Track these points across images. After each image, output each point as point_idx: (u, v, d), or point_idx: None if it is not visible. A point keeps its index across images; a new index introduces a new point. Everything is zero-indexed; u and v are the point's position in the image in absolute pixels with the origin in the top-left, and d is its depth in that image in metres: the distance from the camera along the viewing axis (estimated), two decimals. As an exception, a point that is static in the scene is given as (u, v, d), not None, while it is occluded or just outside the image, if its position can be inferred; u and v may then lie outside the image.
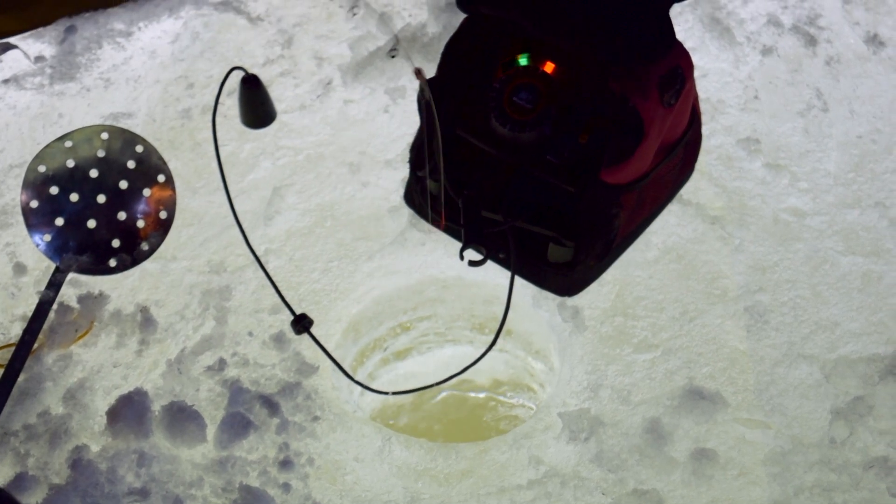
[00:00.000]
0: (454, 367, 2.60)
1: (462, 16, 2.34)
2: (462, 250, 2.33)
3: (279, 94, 3.54)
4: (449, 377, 2.42)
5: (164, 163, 2.97)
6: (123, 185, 2.96)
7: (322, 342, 2.53)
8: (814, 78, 3.60)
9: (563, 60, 2.37)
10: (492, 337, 2.44)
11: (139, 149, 2.96)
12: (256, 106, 2.67)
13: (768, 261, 3.14)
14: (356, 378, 3.14)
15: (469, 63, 2.46)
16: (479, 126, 2.39)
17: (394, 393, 2.89)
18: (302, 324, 2.27)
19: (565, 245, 2.50)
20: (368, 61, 3.62)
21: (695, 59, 3.57)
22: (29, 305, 2.99)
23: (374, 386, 3.23)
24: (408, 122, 3.44)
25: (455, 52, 2.51)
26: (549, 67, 2.34)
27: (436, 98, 2.33)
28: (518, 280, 2.50)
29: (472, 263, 2.32)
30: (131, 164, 2.96)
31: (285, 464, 2.74)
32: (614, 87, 2.31)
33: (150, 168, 2.96)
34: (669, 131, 2.49)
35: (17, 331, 2.97)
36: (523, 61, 2.34)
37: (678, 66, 2.42)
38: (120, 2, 3.79)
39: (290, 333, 2.96)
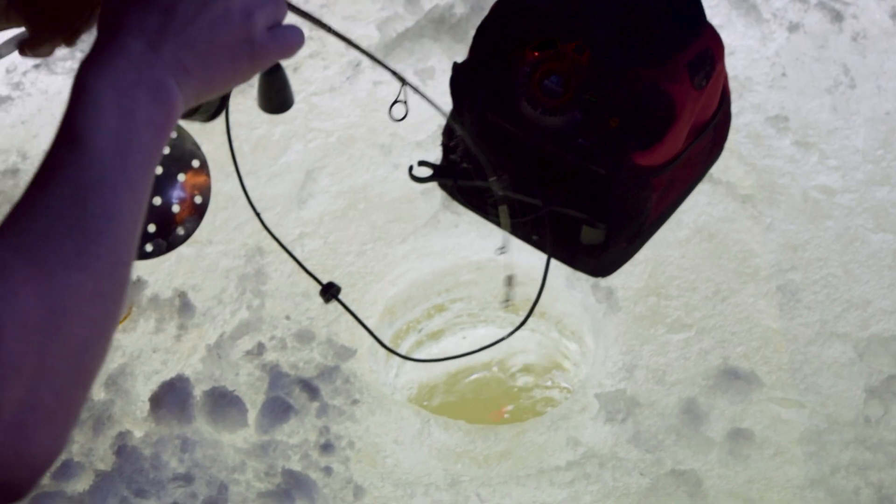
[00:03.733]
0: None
1: (490, -1, 2.35)
2: (411, 169, 2.33)
3: (308, 76, 3.56)
4: (481, 348, 2.43)
5: (198, 147, 2.98)
6: (158, 170, 2.98)
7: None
8: (840, 54, 3.61)
9: (592, 44, 2.37)
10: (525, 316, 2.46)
11: (173, 134, 2.97)
12: (275, 91, 2.68)
13: (799, 239, 3.16)
14: (390, 360, 3.17)
15: (500, 47, 2.47)
16: (509, 110, 2.40)
17: (422, 360, 2.92)
18: (330, 292, 2.30)
19: (598, 227, 2.52)
20: (397, 42, 3.64)
21: (721, 36, 3.59)
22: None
23: (407, 366, 3.26)
24: (438, 102, 3.45)
25: (485, 36, 2.51)
26: (578, 51, 2.35)
27: (467, 82, 2.34)
28: (551, 261, 2.52)
29: (417, 179, 2.32)
30: (165, 150, 2.98)
31: (326, 447, 2.78)
32: (645, 71, 2.31)
33: (185, 153, 2.98)
34: (700, 113, 2.49)
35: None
36: (553, 45, 2.35)
37: (708, 48, 2.42)
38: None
39: (326, 317, 2.99)
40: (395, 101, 1.85)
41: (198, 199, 3.03)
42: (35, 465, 0.98)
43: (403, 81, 1.70)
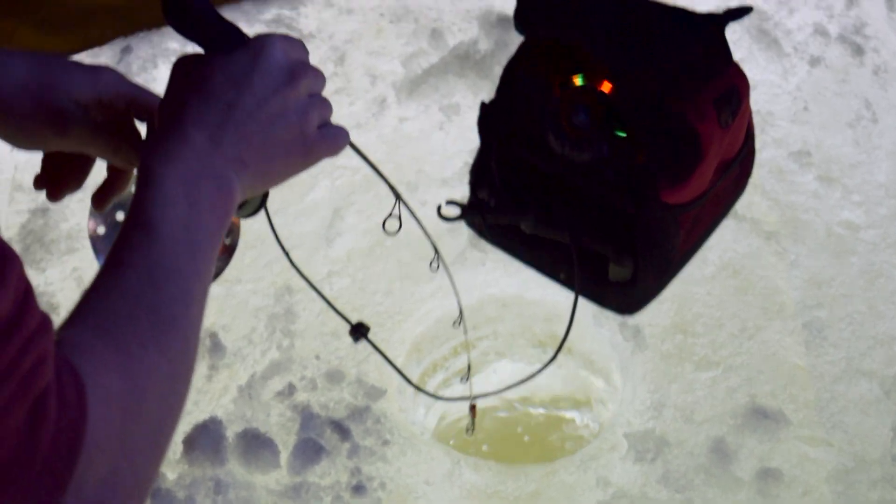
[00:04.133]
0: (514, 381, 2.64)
1: (514, 33, 2.37)
2: (439, 209, 2.35)
3: (335, 112, 3.58)
4: (508, 387, 2.45)
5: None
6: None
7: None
8: (862, 88, 3.64)
9: (620, 81, 2.39)
10: (552, 353, 2.49)
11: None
12: None
13: (824, 275, 3.18)
14: (417, 398, 3.19)
15: (527, 84, 2.49)
16: (537, 145, 2.42)
17: (451, 399, 2.94)
18: (359, 332, 2.33)
19: (625, 264, 2.54)
20: (422, 78, 3.67)
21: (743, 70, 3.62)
22: (98, 331, 3.04)
23: (436, 405, 3.28)
24: (463, 138, 3.48)
25: (513, 74, 2.53)
26: (605, 87, 2.36)
27: (495, 119, 2.37)
28: (579, 299, 2.54)
29: (446, 219, 2.34)
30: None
31: (358, 489, 2.80)
32: (672, 108, 2.33)
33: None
34: (726, 150, 2.51)
35: (87, 357, 3.03)
36: (580, 81, 2.37)
37: (735, 85, 2.44)
38: (173, 21, 3.84)
39: (356, 357, 3.02)
40: (389, 216, 1.89)
41: (227, 240, 3.06)
42: None
43: (398, 197, 1.74)
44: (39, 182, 1.41)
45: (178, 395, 1.11)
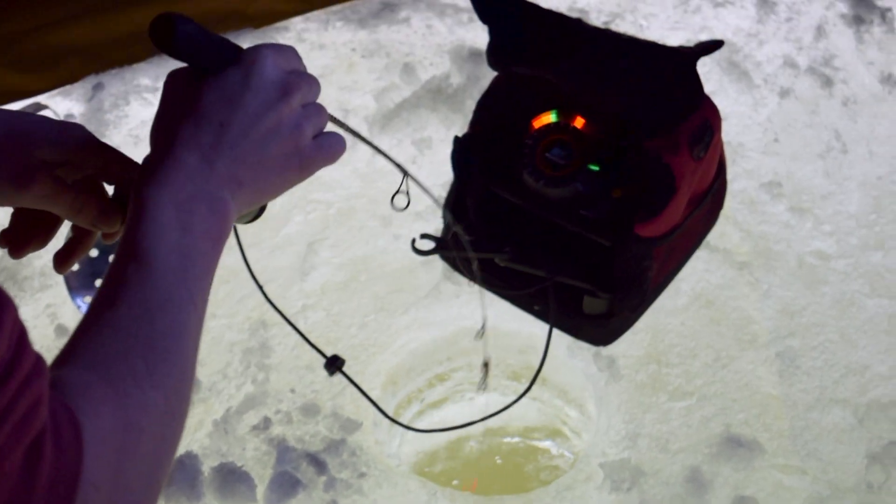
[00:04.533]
0: (489, 413, 2.64)
1: (486, 67, 2.38)
2: (413, 242, 2.35)
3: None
4: (483, 418, 2.46)
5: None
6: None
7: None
8: (831, 119, 3.67)
9: (594, 117, 2.41)
10: (526, 384, 2.49)
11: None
12: None
13: (796, 305, 3.20)
14: (392, 429, 3.19)
15: (501, 120, 2.50)
16: (512, 182, 2.43)
17: (427, 431, 2.95)
18: (335, 365, 2.34)
19: (601, 297, 2.55)
20: (394, 112, 3.68)
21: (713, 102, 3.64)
22: (73, 367, 3.04)
23: (410, 435, 3.28)
24: (436, 172, 3.48)
25: (487, 109, 2.54)
26: (580, 123, 2.38)
27: (469, 155, 2.38)
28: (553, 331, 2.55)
29: (420, 253, 2.35)
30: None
31: (335, 521, 2.80)
32: (646, 143, 2.35)
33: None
34: (699, 183, 2.53)
35: (62, 393, 3.02)
36: (555, 117, 2.38)
37: (707, 119, 2.47)
38: (146, 57, 3.84)
39: (331, 390, 3.02)
40: (398, 192, 1.90)
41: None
42: None
43: (406, 173, 1.74)
44: (4, 238, 1.39)
45: (174, 429, 1.11)
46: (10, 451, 0.90)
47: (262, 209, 1.42)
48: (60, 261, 1.42)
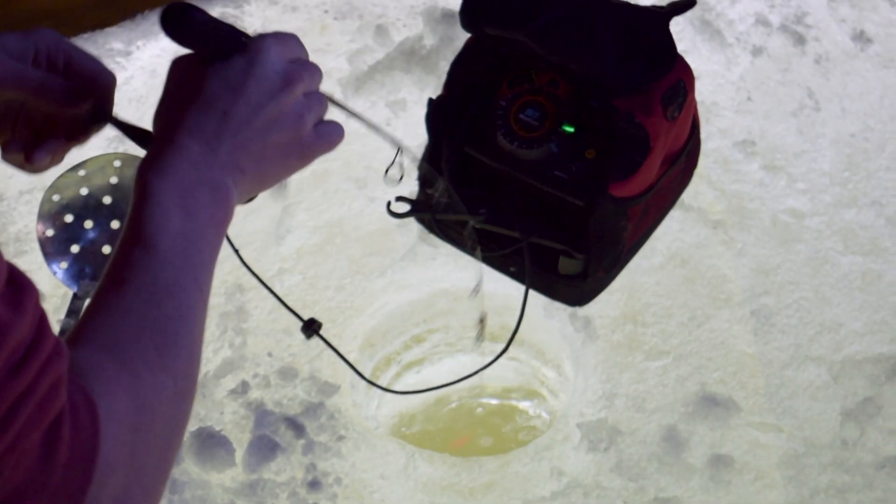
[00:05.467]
0: (466, 373, 2.65)
1: (460, 29, 2.38)
2: (389, 205, 2.36)
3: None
4: (457, 380, 2.47)
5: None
6: (107, 200, 2.99)
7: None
8: (804, 77, 3.67)
9: (567, 78, 2.40)
10: (503, 345, 2.50)
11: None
12: None
13: (770, 263, 3.21)
14: (370, 391, 3.20)
15: (475, 82, 2.49)
16: (486, 144, 2.43)
17: (404, 392, 2.95)
18: (311, 328, 2.34)
19: (575, 258, 2.55)
20: (368, 75, 3.67)
21: (687, 61, 3.64)
22: (49, 333, 3.03)
23: (388, 397, 3.29)
24: (410, 134, 3.47)
25: (460, 71, 2.53)
26: (553, 84, 2.37)
27: (443, 117, 2.37)
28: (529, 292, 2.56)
29: (396, 215, 2.36)
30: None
31: (313, 484, 2.81)
32: (619, 104, 2.35)
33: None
34: (673, 142, 2.53)
35: (39, 359, 3.01)
36: (528, 79, 2.38)
37: (680, 80, 2.46)
38: (118, 21, 3.82)
39: (308, 353, 3.02)
40: (392, 164, 1.90)
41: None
42: None
43: (400, 148, 1.74)
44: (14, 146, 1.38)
45: (183, 412, 1.13)
46: (31, 430, 0.91)
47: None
48: (31, 153, 1.37)
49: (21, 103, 1.33)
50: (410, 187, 2.44)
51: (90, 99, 1.34)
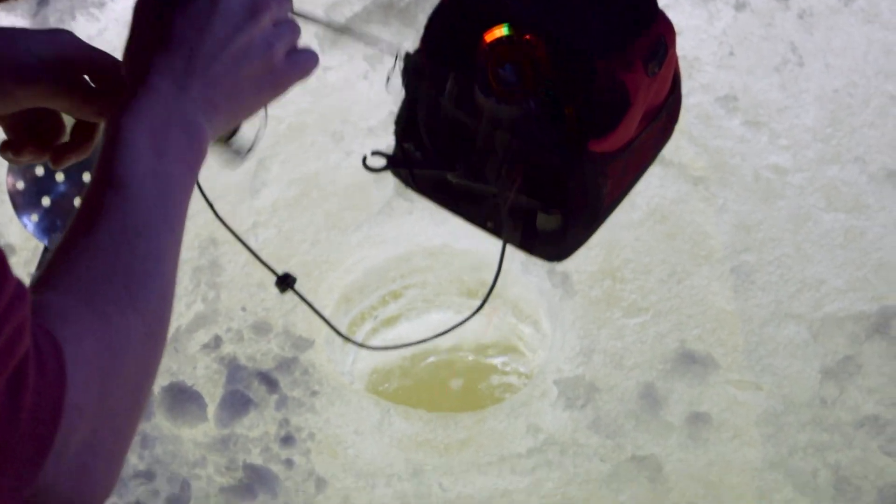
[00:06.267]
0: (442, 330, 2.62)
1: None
2: (364, 159, 2.33)
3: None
4: (435, 335, 2.43)
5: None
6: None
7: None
8: (787, 32, 3.63)
9: (547, 33, 2.36)
10: (480, 302, 2.47)
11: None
12: None
13: (752, 220, 3.18)
14: (346, 347, 3.17)
15: (452, 36, 2.45)
16: (463, 100, 2.39)
17: (381, 348, 2.92)
18: (286, 282, 2.31)
19: (554, 214, 2.52)
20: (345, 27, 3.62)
21: (669, 16, 3.59)
22: (19, 286, 2.98)
23: (364, 353, 3.25)
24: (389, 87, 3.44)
25: (437, 25, 2.49)
26: (532, 40, 2.33)
27: (420, 72, 2.33)
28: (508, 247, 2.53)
29: (371, 170, 2.32)
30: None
31: (286, 440, 2.77)
32: (600, 61, 2.30)
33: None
34: (653, 98, 2.49)
35: (8, 313, 2.96)
36: (506, 32, 2.34)
37: (661, 35, 2.41)
38: (91, -30, 3.76)
39: (282, 308, 2.98)
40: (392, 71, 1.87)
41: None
42: None
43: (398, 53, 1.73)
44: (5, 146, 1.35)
45: (155, 354, 1.10)
46: None
47: (237, 129, 1.40)
48: (58, 156, 1.37)
49: (39, 108, 1.31)
50: (388, 140, 2.40)
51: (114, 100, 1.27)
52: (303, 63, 1.28)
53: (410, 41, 3.17)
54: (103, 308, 1.02)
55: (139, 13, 1.21)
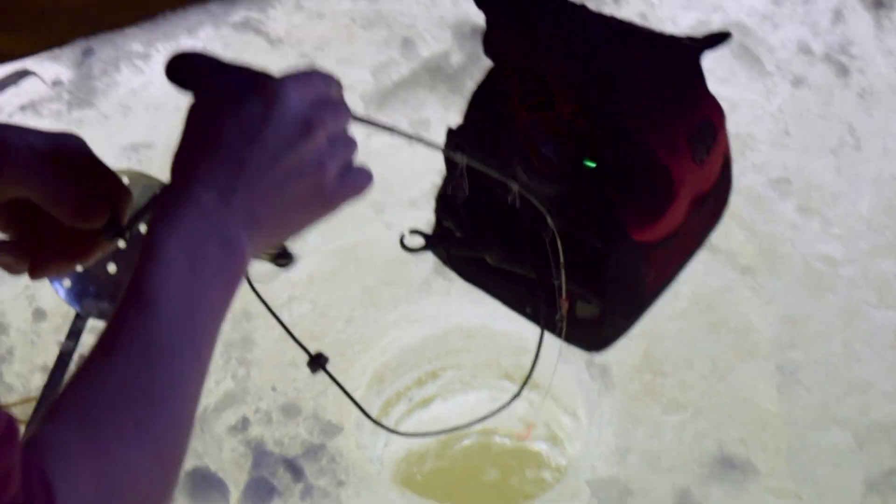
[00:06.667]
0: (479, 412, 2.53)
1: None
2: (402, 239, 2.27)
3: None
4: (470, 423, 2.37)
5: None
6: (143, 228, 2.90)
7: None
8: (846, 111, 3.53)
9: (590, 112, 2.29)
10: (518, 385, 2.40)
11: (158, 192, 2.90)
12: None
13: (800, 313, 3.08)
14: (377, 430, 3.10)
15: (495, 112, 2.38)
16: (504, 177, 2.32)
17: (412, 435, 2.85)
18: (318, 363, 2.25)
19: (593, 302, 2.44)
20: (392, 91, 3.55)
21: (724, 89, 3.50)
22: (49, 354, 2.94)
23: (398, 438, 3.19)
24: (432, 157, 3.33)
25: (481, 99, 2.43)
26: (575, 118, 2.26)
27: (462, 147, 2.28)
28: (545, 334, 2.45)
29: (410, 250, 2.26)
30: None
31: (310, 533, 2.71)
32: (643, 142, 2.23)
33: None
34: (701, 184, 2.42)
35: (37, 382, 2.92)
36: (550, 108, 2.26)
37: (708, 117, 2.34)
38: (137, 21, 3.72)
39: (313, 388, 2.93)
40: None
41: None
42: None
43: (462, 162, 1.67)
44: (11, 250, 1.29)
45: (166, 489, 1.05)
46: None
47: (289, 254, 1.36)
48: (36, 266, 1.29)
49: (31, 205, 1.25)
50: (428, 214, 2.33)
51: (105, 215, 1.26)
52: (356, 183, 1.24)
53: (457, 108, 3.12)
54: (106, 443, 0.97)
55: (190, 117, 1.16)
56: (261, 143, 1.12)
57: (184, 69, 1.14)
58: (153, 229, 1.08)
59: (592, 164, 2.17)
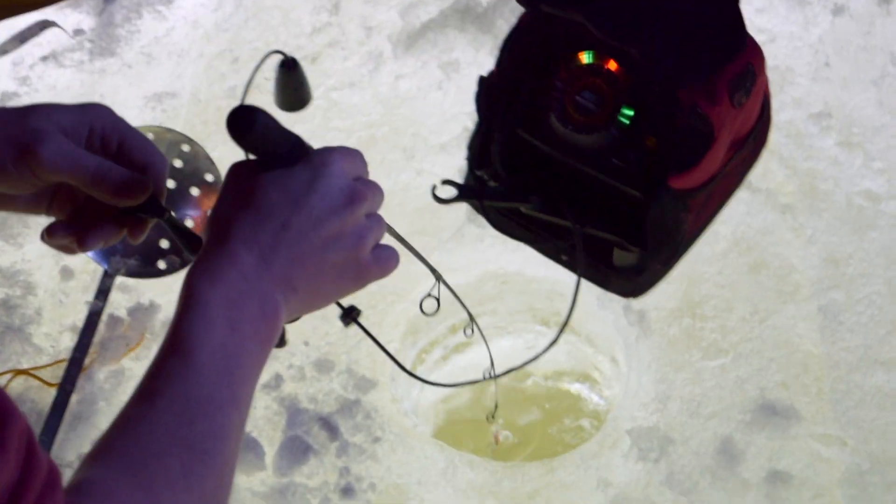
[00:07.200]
0: (514, 357, 2.49)
1: None
2: (434, 189, 2.24)
3: (327, 67, 3.41)
4: (506, 371, 2.34)
5: (212, 162, 2.86)
6: (171, 184, 2.85)
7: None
8: (888, 41, 3.42)
9: (628, 60, 2.23)
10: (555, 330, 2.36)
11: (185, 148, 2.85)
12: (293, 89, 2.63)
13: (842, 252, 3.00)
14: (412, 382, 3.06)
15: (529, 60, 2.32)
16: (540, 127, 2.27)
17: (445, 385, 2.81)
18: (350, 315, 2.21)
19: (631, 250, 2.39)
20: (420, 32, 3.47)
21: (762, 21, 3.40)
22: (77, 314, 2.91)
23: (432, 379, 3.15)
24: (462, 100, 3.30)
25: (514, 48, 2.37)
26: (613, 66, 2.20)
27: (494, 97, 2.22)
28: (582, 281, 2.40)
29: (442, 201, 2.23)
30: (178, 164, 2.85)
31: (347, 491, 2.68)
32: (682, 94, 2.17)
33: (198, 168, 2.85)
34: (739, 128, 2.36)
35: (66, 342, 2.89)
36: (588, 59, 2.20)
37: (749, 63, 2.28)
38: (160, -34, 3.65)
39: (346, 342, 2.88)
40: (428, 296, 1.92)
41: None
42: None
43: (439, 278, 1.85)
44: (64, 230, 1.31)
45: None
46: None
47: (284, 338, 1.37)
48: (84, 238, 1.31)
49: (70, 186, 1.27)
50: (460, 161, 2.26)
51: (145, 193, 1.27)
52: (386, 261, 1.28)
53: (488, 49, 3.04)
54: (153, 488, 0.99)
55: (233, 175, 1.20)
56: (306, 208, 1.15)
57: (244, 125, 1.13)
58: (193, 282, 1.11)
59: (630, 114, 2.11)
